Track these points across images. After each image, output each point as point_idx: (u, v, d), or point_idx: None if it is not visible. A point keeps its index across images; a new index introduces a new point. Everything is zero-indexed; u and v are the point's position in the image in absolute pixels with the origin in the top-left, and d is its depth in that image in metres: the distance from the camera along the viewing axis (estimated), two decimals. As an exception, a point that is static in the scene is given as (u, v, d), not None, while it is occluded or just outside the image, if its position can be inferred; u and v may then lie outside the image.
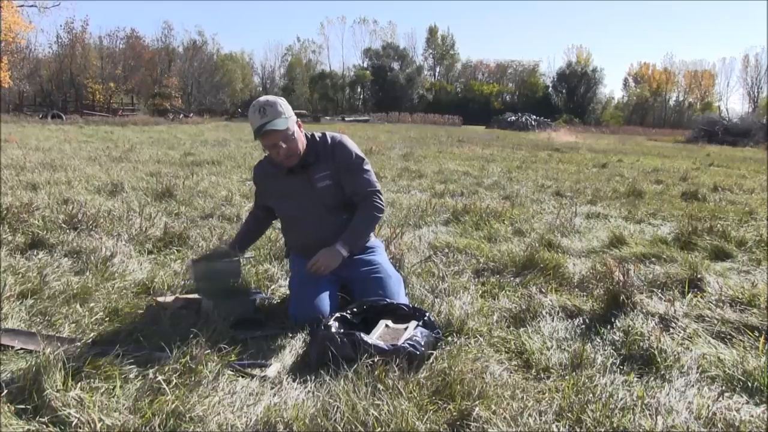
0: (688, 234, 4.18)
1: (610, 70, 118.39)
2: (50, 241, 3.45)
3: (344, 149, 2.63)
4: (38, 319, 2.36)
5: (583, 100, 58.61)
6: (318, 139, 2.65)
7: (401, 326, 2.22)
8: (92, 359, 1.90)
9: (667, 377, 2.02)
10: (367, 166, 2.68)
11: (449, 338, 2.31)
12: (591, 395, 1.82)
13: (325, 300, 2.44)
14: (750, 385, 1.96)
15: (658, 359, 2.13)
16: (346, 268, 2.57)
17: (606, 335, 2.38)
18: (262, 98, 2.54)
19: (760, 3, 79.45)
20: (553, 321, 2.53)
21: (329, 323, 2.15)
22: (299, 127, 2.57)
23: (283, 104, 2.52)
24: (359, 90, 60.70)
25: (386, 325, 2.23)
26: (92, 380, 1.79)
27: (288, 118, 2.50)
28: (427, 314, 2.28)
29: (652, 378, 2.02)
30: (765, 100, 56.55)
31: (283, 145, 2.49)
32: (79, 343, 2.02)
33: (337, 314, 2.25)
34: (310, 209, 2.61)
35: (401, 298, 2.53)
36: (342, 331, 2.11)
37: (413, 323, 2.21)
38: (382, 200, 2.69)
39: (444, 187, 6.85)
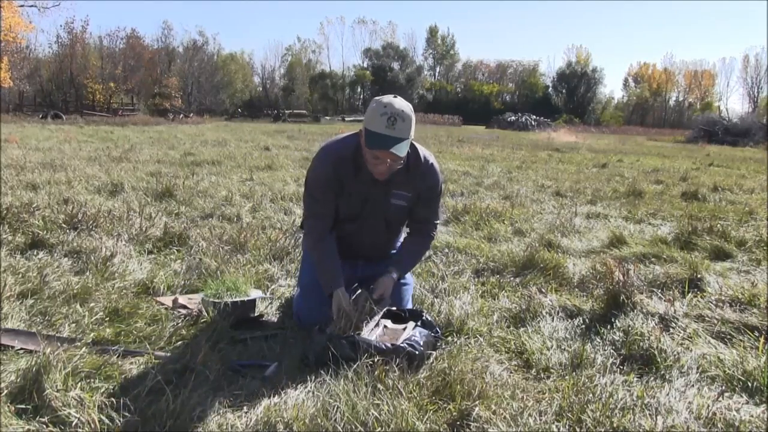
0: (688, 234, 4.18)
1: (610, 70, 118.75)
2: (50, 241, 3.45)
3: (434, 178, 2.45)
4: (38, 319, 2.35)
5: (583, 100, 58.61)
6: (411, 156, 2.36)
7: (399, 327, 2.22)
8: (92, 359, 1.90)
9: (667, 377, 2.02)
10: (443, 195, 2.56)
11: (449, 338, 2.31)
12: (591, 395, 1.82)
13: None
14: (750, 385, 1.96)
15: (658, 359, 2.13)
16: (365, 267, 2.56)
17: (606, 335, 2.38)
18: (398, 104, 2.19)
19: (760, 3, 79.51)
20: (553, 321, 2.53)
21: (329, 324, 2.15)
22: None
23: (413, 121, 2.22)
24: (359, 90, 60.67)
25: (385, 326, 2.23)
26: (92, 380, 1.79)
27: (410, 140, 2.24)
28: (424, 314, 2.29)
29: (652, 378, 2.02)
30: (765, 100, 56.55)
31: (389, 162, 2.22)
32: (79, 343, 2.02)
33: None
34: (372, 217, 2.45)
35: (408, 304, 2.53)
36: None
37: (411, 324, 2.21)
38: (436, 232, 2.64)
39: (444, 187, 6.84)
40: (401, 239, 2.67)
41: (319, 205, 2.39)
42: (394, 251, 2.69)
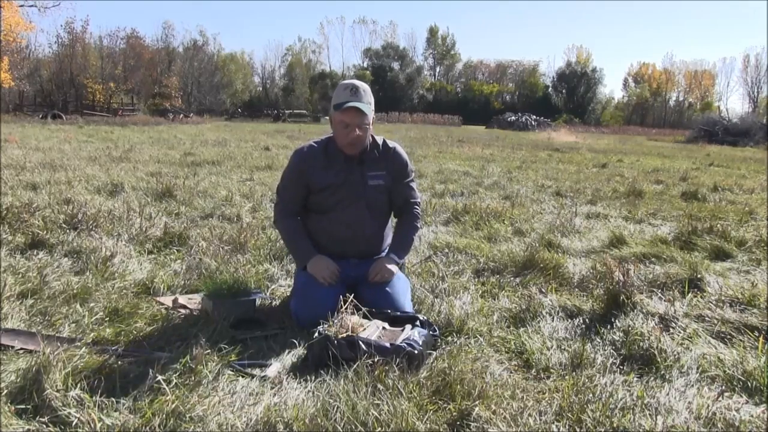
0: (688, 234, 4.18)
1: (610, 70, 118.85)
2: (50, 241, 3.45)
3: (402, 158, 2.72)
4: (38, 319, 2.36)
5: (583, 100, 58.63)
6: (379, 141, 2.69)
7: (398, 329, 2.22)
8: (92, 359, 1.90)
9: (667, 377, 2.02)
10: (415, 179, 2.82)
11: (449, 338, 2.31)
12: (591, 395, 1.82)
13: (329, 301, 2.40)
14: (750, 385, 1.96)
15: (658, 359, 2.13)
16: (357, 268, 2.57)
17: (606, 335, 2.38)
18: (357, 81, 2.59)
19: (760, 3, 79.51)
20: (553, 321, 2.53)
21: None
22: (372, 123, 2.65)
23: (372, 98, 2.58)
24: (359, 90, 60.63)
25: (383, 328, 2.23)
26: (92, 380, 1.79)
27: (372, 109, 2.56)
28: (420, 316, 2.30)
29: (652, 378, 2.02)
30: (765, 100, 56.54)
31: (357, 131, 2.51)
32: (79, 343, 2.02)
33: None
34: (355, 203, 2.59)
35: (406, 303, 2.52)
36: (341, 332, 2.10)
37: (408, 326, 2.22)
38: (420, 210, 2.84)
39: (444, 187, 6.85)
40: (389, 239, 2.75)
41: (288, 192, 2.70)
42: (386, 248, 2.73)
